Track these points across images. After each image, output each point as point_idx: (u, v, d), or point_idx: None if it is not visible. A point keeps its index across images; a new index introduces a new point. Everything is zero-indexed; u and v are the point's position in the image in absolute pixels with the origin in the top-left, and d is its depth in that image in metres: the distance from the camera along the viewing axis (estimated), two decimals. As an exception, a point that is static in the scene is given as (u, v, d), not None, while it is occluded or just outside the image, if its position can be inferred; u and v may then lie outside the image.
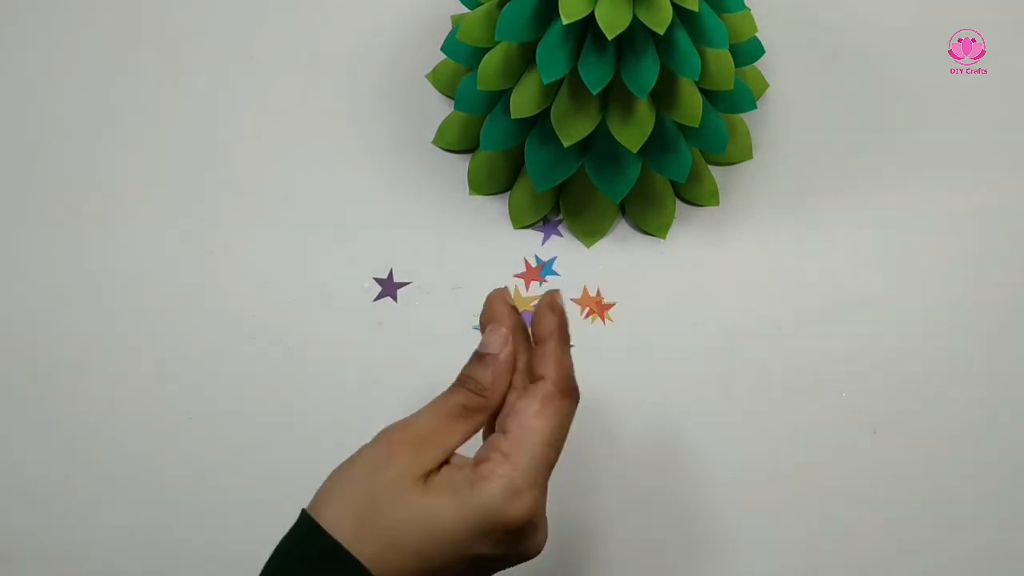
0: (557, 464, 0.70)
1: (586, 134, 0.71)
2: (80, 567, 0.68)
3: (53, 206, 0.79)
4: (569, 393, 0.59)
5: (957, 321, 0.75)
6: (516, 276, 0.77)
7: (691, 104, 0.72)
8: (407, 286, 0.77)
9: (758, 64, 0.80)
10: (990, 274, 0.77)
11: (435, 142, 0.81)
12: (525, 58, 0.72)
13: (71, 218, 0.78)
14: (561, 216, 0.78)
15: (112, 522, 0.69)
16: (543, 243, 0.78)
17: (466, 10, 0.77)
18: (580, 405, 0.72)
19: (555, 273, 0.77)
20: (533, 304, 0.76)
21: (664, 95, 0.72)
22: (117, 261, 0.76)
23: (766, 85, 0.83)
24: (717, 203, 0.79)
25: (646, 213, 0.78)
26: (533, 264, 0.78)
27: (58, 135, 0.81)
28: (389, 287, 0.77)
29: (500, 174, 0.79)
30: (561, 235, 0.78)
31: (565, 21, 0.66)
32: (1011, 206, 0.79)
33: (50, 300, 0.75)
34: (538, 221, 0.78)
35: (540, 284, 0.76)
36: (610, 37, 0.65)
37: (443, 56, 0.80)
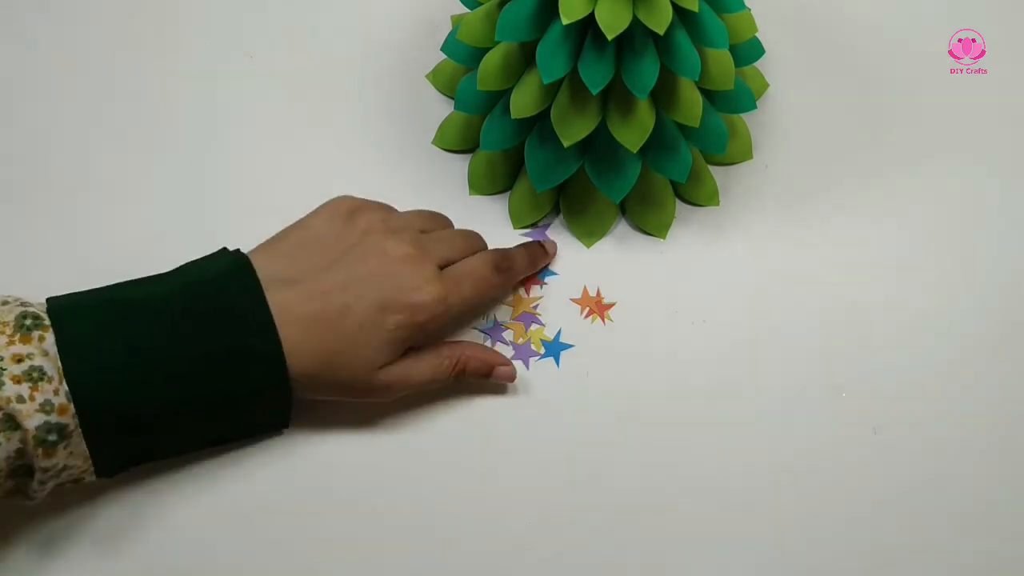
0: (555, 463, 0.70)
1: (586, 134, 0.71)
2: (78, 564, 0.68)
3: (50, 202, 0.78)
4: (502, 271, 0.73)
5: (958, 321, 0.75)
6: (516, 276, 0.77)
7: (691, 104, 0.72)
8: (407, 286, 0.76)
9: (758, 64, 0.80)
10: (991, 274, 0.77)
11: (435, 142, 0.81)
12: (525, 58, 0.72)
13: (68, 215, 0.78)
14: (550, 219, 0.78)
15: (111, 521, 0.69)
16: (543, 243, 0.78)
17: (466, 10, 0.77)
18: (579, 404, 0.72)
19: (555, 273, 0.77)
20: (533, 305, 0.76)
21: (664, 95, 0.72)
22: (116, 260, 0.76)
23: (766, 85, 0.83)
24: (717, 203, 0.79)
25: (646, 213, 0.78)
26: (533, 264, 0.77)
27: (56, 132, 0.81)
28: (389, 287, 0.77)
29: (500, 174, 0.79)
30: (549, 237, 0.78)
31: (565, 21, 0.66)
32: (1012, 206, 0.79)
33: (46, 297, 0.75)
34: (538, 221, 0.78)
35: (540, 287, 0.76)
36: (610, 37, 0.65)
37: (443, 56, 0.80)
